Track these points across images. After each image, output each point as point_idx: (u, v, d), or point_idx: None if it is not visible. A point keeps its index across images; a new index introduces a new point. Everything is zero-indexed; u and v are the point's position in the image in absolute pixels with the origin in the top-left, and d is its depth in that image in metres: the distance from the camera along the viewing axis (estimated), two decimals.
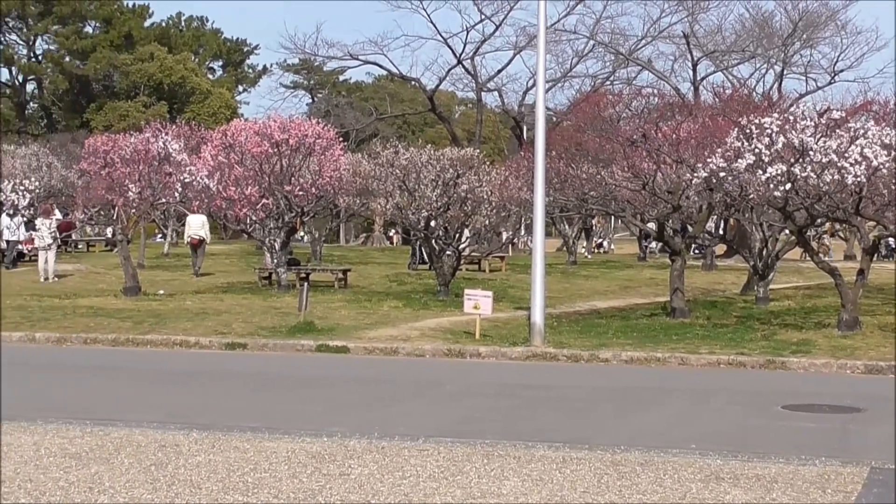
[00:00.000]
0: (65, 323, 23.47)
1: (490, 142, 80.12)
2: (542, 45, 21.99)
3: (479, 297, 22.00)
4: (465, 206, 28.99)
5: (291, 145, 28.99)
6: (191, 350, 21.08)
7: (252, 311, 25.31)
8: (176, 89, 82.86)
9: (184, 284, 31.64)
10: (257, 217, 29.40)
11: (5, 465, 10.44)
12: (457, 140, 57.56)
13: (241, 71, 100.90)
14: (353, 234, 70.80)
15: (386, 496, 9.57)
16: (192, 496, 9.38)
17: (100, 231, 50.62)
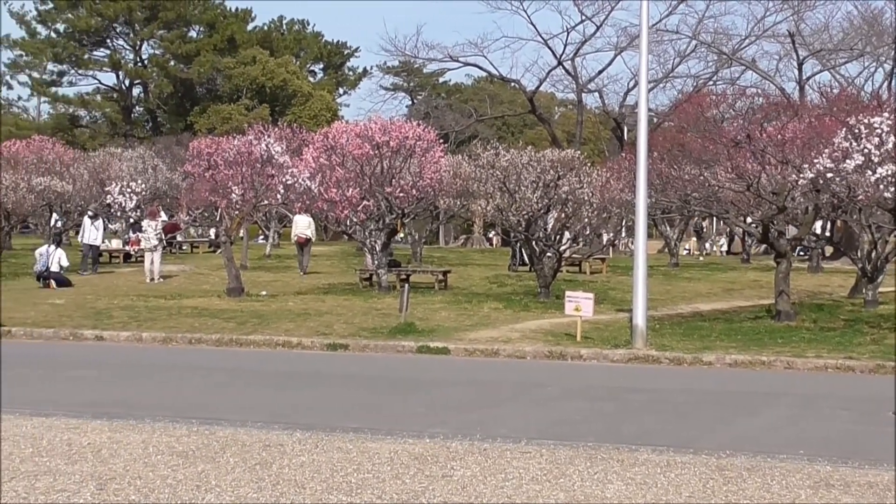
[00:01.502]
0: (170, 323, 23.76)
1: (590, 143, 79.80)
2: (644, 45, 21.81)
3: (581, 299, 21.89)
4: (566, 208, 28.87)
5: (392, 147, 29.08)
6: (293, 350, 21.20)
7: (353, 312, 25.42)
8: (278, 92, 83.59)
9: (286, 285, 31.87)
10: (358, 219, 29.51)
11: (115, 463, 10.56)
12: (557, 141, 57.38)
13: (341, 73, 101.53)
14: (452, 235, 70.85)
15: (489, 498, 9.52)
16: (297, 496, 9.41)
17: (203, 232, 51.20)
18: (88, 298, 28.22)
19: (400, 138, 29.13)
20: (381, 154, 29.16)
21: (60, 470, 10.20)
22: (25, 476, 9.91)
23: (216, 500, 9.23)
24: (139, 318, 24.60)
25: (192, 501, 9.19)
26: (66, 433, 11.98)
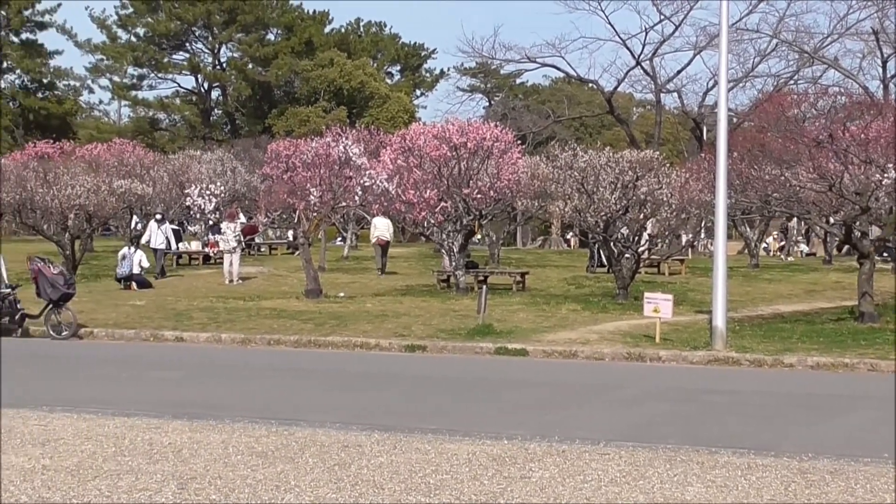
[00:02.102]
0: (249, 324, 23.91)
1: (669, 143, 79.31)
2: (723, 44, 21.63)
3: (660, 301, 21.75)
4: (645, 209, 28.71)
5: (470, 148, 29.08)
6: (371, 352, 21.26)
7: (431, 313, 25.44)
8: (355, 94, 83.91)
9: (364, 287, 31.95)
10: (436, 220, 29.53)
11: (195, 462, 10.64)
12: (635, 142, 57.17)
13: (418, 75, 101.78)
14: (530, 236, 70.75)
15: (567, 499, 9.47)
16: (376, 496, 9.41)
17: (282, 234, 51.48)
18: (169, 300, 28.48)
19: (477, 139, 29.13)
20: (459, 155, 29.16)
21: (142, 469, 10.29)
22: (108, 475, 10.01)
23: (296, 500, 9.26)
24: (218, 319, 24.79)
25: (271, 501, 9.22)
26: (148, 433, 12.08)
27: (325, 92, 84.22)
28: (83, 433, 12.02)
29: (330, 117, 74.52)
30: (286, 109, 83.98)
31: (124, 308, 26.75)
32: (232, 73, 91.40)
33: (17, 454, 10.89)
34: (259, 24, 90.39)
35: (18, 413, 13.35)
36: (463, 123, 30.71)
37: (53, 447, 11.25)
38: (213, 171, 47.60)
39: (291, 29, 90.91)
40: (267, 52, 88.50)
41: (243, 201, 47.57)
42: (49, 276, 23.35)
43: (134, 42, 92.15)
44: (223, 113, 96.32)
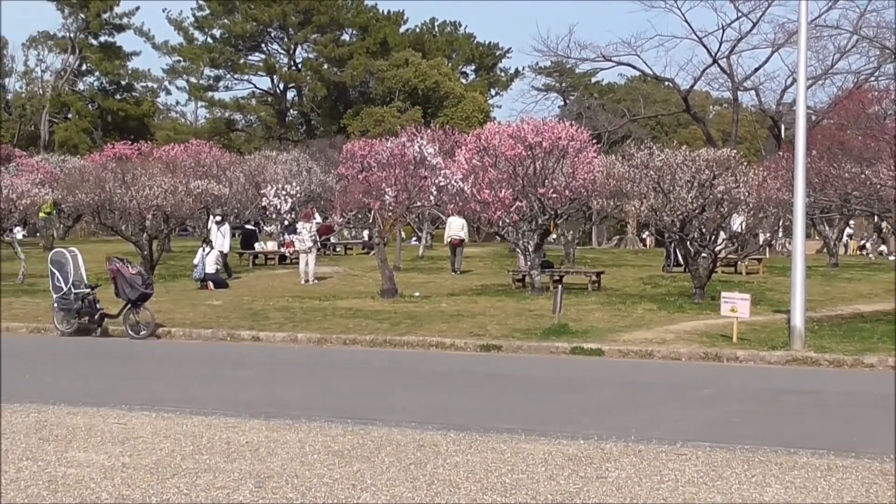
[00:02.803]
0: (325, 324, 24.01)
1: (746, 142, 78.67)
2: (802, 41, 21.40)
3: (737, 300, 21.57)
4: (722, 208, 28.48)
5: (545, 148, 29.01)
6: (446, 351, 21.26)
7: (506, 313, 25.40)
8: (430, 94, 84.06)
9: (439, 287, 31.98)
10: (511, 220, 29.48)
11: (272, 461, 10.70)
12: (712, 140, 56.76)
13: (493, 74, 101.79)
14: (605, 236, 70.47)
15: (644, 500, 9.42)
16: (452, 496, 9.41)
17: (357, 234, 51.66)
18: (245, 300, 28.68)
19: (553, 139, 29.04)
20: (534, 155, 29.10)
21: (220, 467, 10.36)
22: (186, 473, 10.09)
23: (372, 499, 9.28)
24: (294, 319, 24.91)
25: (348, 500, 9.25)
26: (225, 432, 12.17)
27: (399, 92, 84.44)
28: (162, 431, 12.14)
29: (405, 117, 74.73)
30: (361, 109, 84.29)
31: (201, 308, 26.97)
32: (307, 73, 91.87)
33: (97, 452, 11.01)
34: (334, 25, 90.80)
35: (98, 411, 13.50)
36: (538, 122, 30.63)
37: (133, 445, 11.37)
38: (288, 172, 47.89)
39: (366, 29, 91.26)
40: (342, 52, 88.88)
41: (319, 201, 47.81)
42: (128, 275, 23.59)
43: (210, 43, 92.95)
44: (299, 113, 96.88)
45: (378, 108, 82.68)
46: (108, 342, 23.25)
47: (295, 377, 18.06)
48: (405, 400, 15.45)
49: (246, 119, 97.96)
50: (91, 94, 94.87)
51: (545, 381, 17.54)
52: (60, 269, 24.24)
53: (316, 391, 16.33)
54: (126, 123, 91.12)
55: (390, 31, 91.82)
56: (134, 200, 33.64)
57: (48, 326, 24.38)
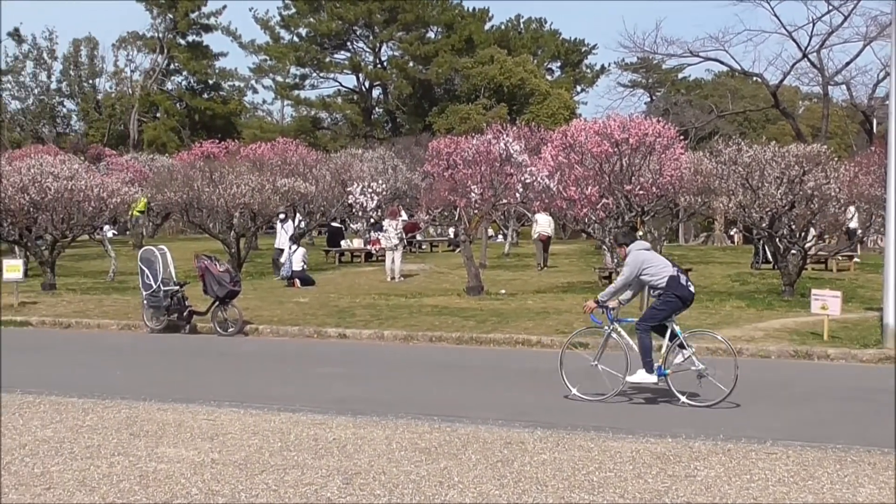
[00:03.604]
0: (411, 321, 24.04)
1: (836, 137, 77.72)
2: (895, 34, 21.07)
3: (827, 297, 21.27)
4: (812, 204, 28.13)
5: (632, 144, 28.82)
6: (533, 349, 21.21)
7: None
8: (515, 91, 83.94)
9: (525, 284, 31.92)
10: (597, 217, 29.34)
11: (360, 458, 10.73)
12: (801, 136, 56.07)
13: (578, 71, 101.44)
14: (692, 233, 69.93)
15: (733, 499, 9.33)
16: (539, 493, 9.38)
17: (443, 231, 51.70)
18: (332, 297, 28.80)
19: (640, 135, 28.85)
20: (621, 151, 28.94)
21: (308, 464, 10.41)
22: (275, 469, 10.15)
23: (459, 497, 9.27)
24: (381, 316, 24.98)
25: (435, 497, 9.25)
26: (313, 428, 12.22)
27: (485, 89, 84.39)
28: (250, 428, 12.22)
29: (490, 114, 74.67)
30: (447, 107, 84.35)
31: (288, 305, 27.12)
32: (393, 71, 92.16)
33: (186, 448, 11.11)
34: (419, 23, 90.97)
35: (188, 408, 13.64)
36: (625, 119, 30.42)
37: (221, 441, 11.46)
38: (374, 169, 48.05)
39: (452, 27, 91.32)
40: (427, 50, 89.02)
41: (404, 199, 47.94)
42: (216, 273, 23.80)
43: (296, 42, 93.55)
44: (384, 111, 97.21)
45: (463, 106, 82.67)
46: (197, 339, 23.48)
47: (381, 374, 18.10)
48: (492, 397, 15.43)
49: (332, 117, 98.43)
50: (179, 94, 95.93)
51: None
52: (150, 266, 24.51)
53: (402, 388, 16.36)
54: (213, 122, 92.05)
55: (475, 29, 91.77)
56: (221, 198, 33.94)
57: (138, 323, 24.67)
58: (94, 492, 9.30)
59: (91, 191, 31.63)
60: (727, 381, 14.53)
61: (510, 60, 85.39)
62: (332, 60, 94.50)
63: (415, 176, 49.24)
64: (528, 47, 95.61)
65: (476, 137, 30.91)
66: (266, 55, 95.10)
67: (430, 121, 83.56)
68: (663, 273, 14.95)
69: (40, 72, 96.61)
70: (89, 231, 35.85)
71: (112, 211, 33.45)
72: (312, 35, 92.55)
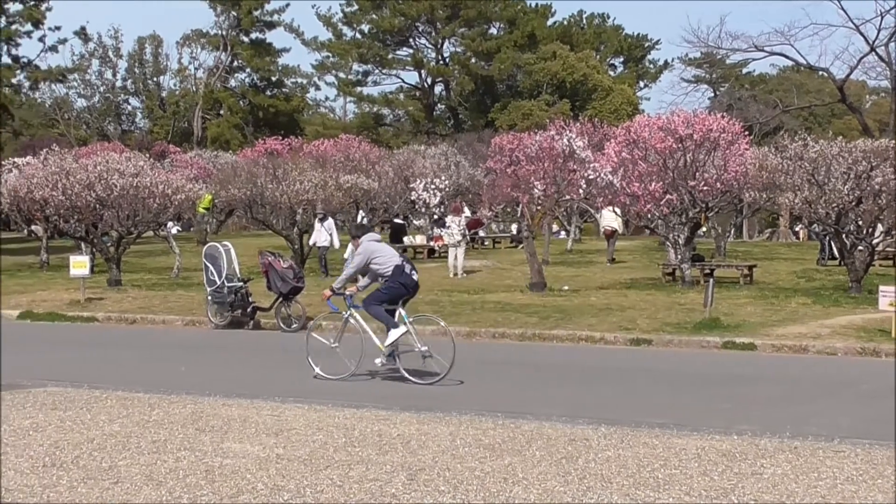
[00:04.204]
0: (474, 317, 24.03)
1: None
2: None
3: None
4: (880, 200, 27.81)
5: (696, 140, 28.65)
6: (596, 345, 21.15)
7: (656, 306, 25.16)
8: (578, 87, 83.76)
9: (588, 280, 31.82)
10: (661, 213, 29.20)
11: (424, 454, 10.73)
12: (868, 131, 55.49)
13: (642, 66, 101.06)
14: (756, 229, 69.45)
15: (801, 497, 9.23)
16: (604, 490, 9.34)
17: (505, 228, 51.68)
18: None
19: (704, 131, 28.67)
20: (685, 147, 28.77)
21: (372, 460, 10.42)
22: (339, 465, 10.17)
23: (524, 493, 9.24)
24: (444, 312, 24.94)
25: (499, 493, 9.23)
26: (377, 424, 12.24)
27: (547, 85, 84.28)
28: (314, 423, 12.25)
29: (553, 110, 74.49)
30: (509, 103, 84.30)
31: None
32: (455, 67, 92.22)
33: (251, 443, 11.17)
34: (482, 19, 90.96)
35: (252, 403, 13.70)
36: (689, 115, 30.25)
37: (286, 437, 11.50)
38: (437, 166, 48.10)
39: (514, 23, 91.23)
40: (490, 46, 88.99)
41: (467, 195, 47.94)
42: (279, 269, 23.89)
43: (359, 39, 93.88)
44: (446, 107, 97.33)
45: (526, 102, 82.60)
46: (261, 335, 23.61)
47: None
48: (555, 394, 15.40)
49: (394, 114, 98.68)
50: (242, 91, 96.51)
51: (696, 376, 17.35)
52: (214, 263, 24.67)
53: (465, 384, 16.36)
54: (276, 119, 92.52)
55: (538, 24, 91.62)
56: (285, 195, 34.08)
57: (202, 319, 24.85)
58: (161, 486, 9.36)
59: (156, 187, 31.90)
60: (447, 361, 16.03)
61: (573, 56, 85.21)
62: (394, 57, 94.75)
63: (477, 172, 49.24)
64: (591, 43, 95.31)
65: (539, 133, 30.86)
66: (329, 52, 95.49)
67: (492, 117, 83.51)
68: (389, 263, 16.80)
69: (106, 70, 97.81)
70: (154, 227, 36.18)
71: (176, 207, 33.72)
72: (375, 31, 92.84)
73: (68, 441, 11.22)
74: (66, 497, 9.03)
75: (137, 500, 8.95)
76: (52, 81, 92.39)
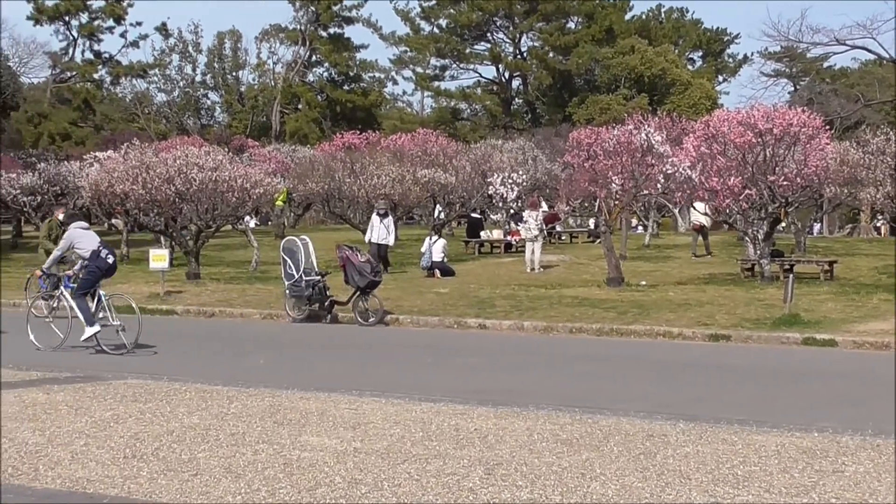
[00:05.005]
0: (551, 312, 23.98)
1: None
2: None
3: None
4: None
5: (776, 135, 28.35)
6: (674, 341, 21.02)
7: (735, 302, 24.95)
8: (656, 81, 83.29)
9: (665, 275, 31.64)
10: (740, 208, 28.96)
11: (501, 449, 10.72)
12: None
13: (720, 60, 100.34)
14: (837, 224, 68.64)
15: (884, 496, 9.11)
16: (682, 486, 9.27)
17: (582, 222, 51.50)
18: (471, 288, 28.83)
19: (784, 125, 28.36)
20: (765, 142, 28.49)
21: (449, 454, 10.42)
22: (417, 459, 10.19)
23: (601, 489, 9.20)
24: (521, 307, 24.95)
25: (577, 489, 9.20)
26: (454, 418, 12.24)
27: (625, 79, 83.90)
28: (391, 417, 12.28)
29: (631, 105, 74.15)
30: (586, 97, 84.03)
31: (428, 295, 27.23)
32: (533, 62, 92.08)
33: (329, 437, 11.21)
34: (560, 13, 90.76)
35: (330, 397, 13.75)
36: (768, 109, 29.94)
37: (364, 430, 11.53)
38: (514, 160, 47.92)
39: (592, 17, 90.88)
40: (567, 40, 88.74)
41: (544, 190, 47.81)
42: (357, 263, 23.98)
43: (436, 33, 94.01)
44: (524, 102, 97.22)
45: (603, 96, 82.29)
46: (338, 329, 23.70)
47: (521, 365, 18.10)
48: (633, 389, 15.33)
49: (471, 108, 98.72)
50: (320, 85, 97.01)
51: (776, 372, 17.19)
52: (292, 256, 24.78)
53: (542, 379, 16.33)
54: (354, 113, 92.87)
55: (616, 19, 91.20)
56: (362, 189, 34.24)
57: (280, 313, 24.98)
58: (240, 479, 9.42)
59: (234, 181, 32.11)
60: (134, 333, 18.81)
61: (651, 50, 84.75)
62: (471, 51, 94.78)
63: (555, 167, 49.09)
64: (670, 37, 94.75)
65: (617, 128, 30.70)
66: (406, 46, 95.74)
67: (569, 111, 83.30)
68: (88, 247, 18.83)
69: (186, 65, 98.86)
70: (233, 221, 36.42)
71: (255, 201, 33.92)
72: (453, 26, 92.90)
73: (148, 433, 11.33)
74: (147, 488, 9.12)
75: (216, 492, 9.02)
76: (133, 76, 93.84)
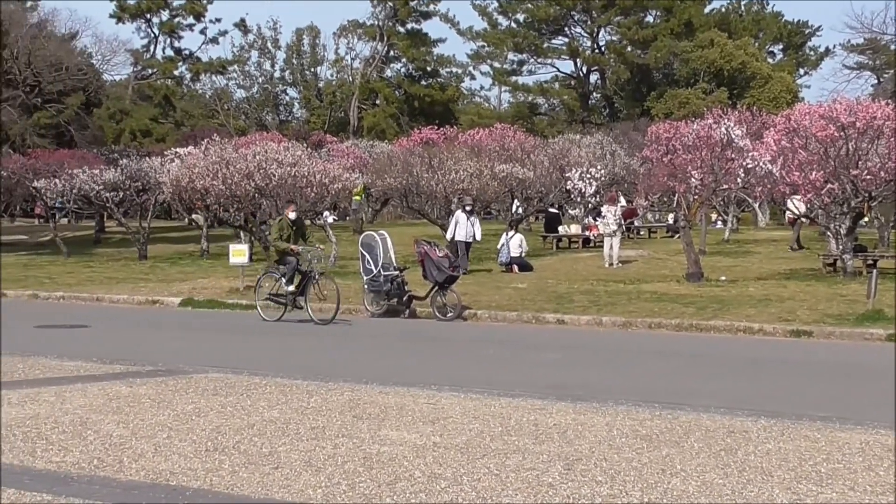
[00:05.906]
0: (630, 308, 23.88)
1: None
2: None
3: None
4: None
5: (858, 128, 28.00)
6: (755, 336, 20.87)
7: (817, 298, 24.69)
8: (736, 75, 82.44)
9: (745, 271, 31.40)
10: (821, 202, 28.65)
11: (580, 444, 10.67)
12: None
13: (802, 53, 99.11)
14: None
15: None
16: (764, 483, 9.17)
17: (661, 217, 51.20)
18: (549, 283, 28.79)
19: (867, 118, 28.00)
20: (847, 135, 28.14)
21: (528, 449, 10.40)
22: (496, 454, 10.17)
23: (682, 485, 9.13)
24: (599, 302, 24.87)
25: (657, 484, 9.13)
26: (533, 413, 12.21)
27: (704, 73, 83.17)
28: (470, 412, 12.27)
29: (710, 99, 73.48)
30: (665, 92, 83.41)
31: (506, 291, 27.21)
32: (610, 56, 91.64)
33: (409, 431, 11.22)
34: (638, 7, 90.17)
35: (409, 391, 13.77)
36: (851, 102, 29.57)
37: (443, 425, 11.53)
38: (592, 155, 47.73)
39: (670, 10, 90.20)
40: (646, 34, 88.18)
41: (623, 184, 47.58)
42: (435, 258, 24.02)
43: (514, 28, 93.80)
44: (601, 96, 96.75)
45: (682, 90, 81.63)
46: (416, 324, 23.76)
47: (600, 360, 18.03)
48: (713, 385, 15.21)
49: (549, 103, 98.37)
50: (398, 81, 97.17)
51: (860, 369, 17.01)
52: (370, 251, 24.87)
53: (622, 375, 16.26)
54: (431, 108, 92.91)
55: (695, 12, 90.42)
56: (440, 184, 34.25)
57: (359, 308, 25.08)
58: (321, 472, 9.45)
59: (313, 177, 32.30)
60: None
61: (730, 44, 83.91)
62: (549, 46, 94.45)
63: (633, 161, 48.84)
64: (749, 30, 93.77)
65: (696, 122, 30.50)
66: (484, 41, 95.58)
67: (648, 106, 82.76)
68: None
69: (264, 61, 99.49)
70: (311, 216, 36.61)
71: (333, 196, 34.08)
72: (530, 21, 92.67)
73: (229, 426, 11.40)
74: (228, 481, 9.18)
75: (297, 485, 9.05)
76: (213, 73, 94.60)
